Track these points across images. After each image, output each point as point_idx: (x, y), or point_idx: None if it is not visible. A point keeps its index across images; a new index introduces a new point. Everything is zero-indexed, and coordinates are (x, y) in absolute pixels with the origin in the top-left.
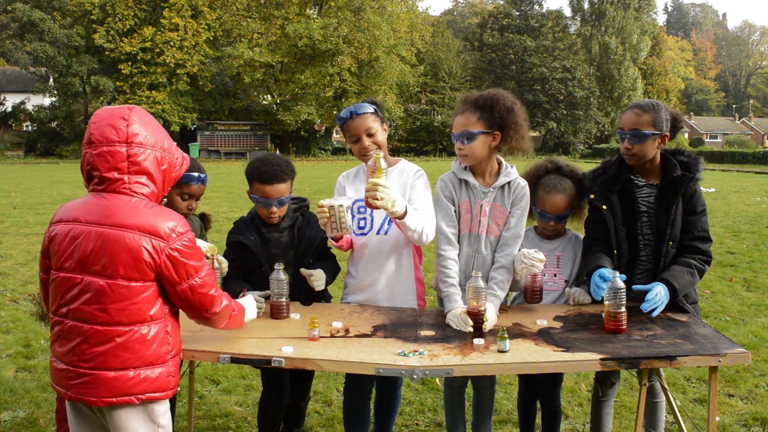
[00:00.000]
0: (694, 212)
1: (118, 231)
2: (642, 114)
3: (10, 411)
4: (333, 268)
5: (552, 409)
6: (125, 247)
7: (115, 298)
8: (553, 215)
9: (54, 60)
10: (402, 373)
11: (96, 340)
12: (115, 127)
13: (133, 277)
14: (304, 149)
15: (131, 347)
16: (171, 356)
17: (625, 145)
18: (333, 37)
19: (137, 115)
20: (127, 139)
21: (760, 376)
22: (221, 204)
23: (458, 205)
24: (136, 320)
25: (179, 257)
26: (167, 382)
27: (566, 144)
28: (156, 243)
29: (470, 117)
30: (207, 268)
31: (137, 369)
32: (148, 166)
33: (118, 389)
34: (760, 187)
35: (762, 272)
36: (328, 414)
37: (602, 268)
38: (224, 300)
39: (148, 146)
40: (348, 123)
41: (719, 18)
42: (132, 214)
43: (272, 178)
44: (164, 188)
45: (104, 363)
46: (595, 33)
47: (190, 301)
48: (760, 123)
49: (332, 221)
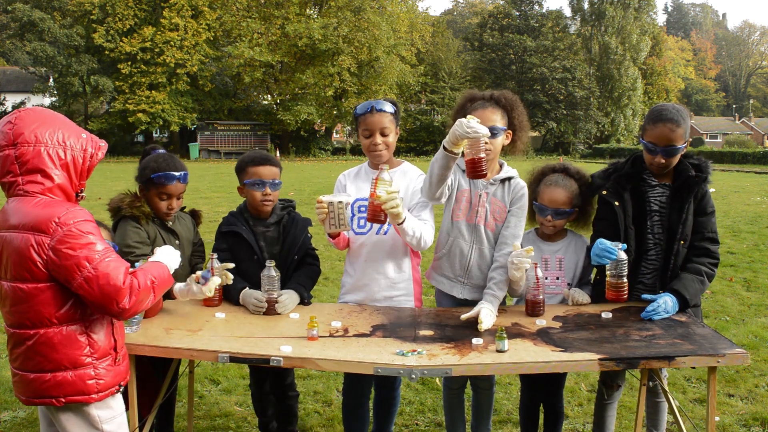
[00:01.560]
0: (704, 213)
1: (9, 233)
2: (675, 129)
3: (10, 411)
4: (312, 274)
5: (554, 410)
6: (14, 248)
7: (16, 300)
8: (550, 209)
9: (54, 60)
10: (400, 372)
11: (13, 342)
12: (3, 132)
13: (25, 277)
14: (304, 149)
15: (40, 350)
16: (93, 359)
17: (658, 161)
18: (333, 36)
19: (27, 115)
20: (14, 141)
21: (760, 376)
22: (221, 204)
23: (458, 192)
24: (38, 323)
25: (64, 249)
26: (89, 386)
27: (566, 144)
28: (39, 239)
29: (495, 113)
30: (109, 257)
31: (53, 372)
32: (38, 164)
33: (38, 390)
34: (760, 187)
35: (762, 272)
36: (328, 414)
37: (599, 239)
38: (136, 281)
39: (36, 143)
40: (366, 116)
41: (719, 18)
42: (21, 214)
43: (264, 159)
44: (74, 181)
45: (23, 365)
46: (595, 33)
47: (92, 296)
48: (760, 123)
49: (330, 217)
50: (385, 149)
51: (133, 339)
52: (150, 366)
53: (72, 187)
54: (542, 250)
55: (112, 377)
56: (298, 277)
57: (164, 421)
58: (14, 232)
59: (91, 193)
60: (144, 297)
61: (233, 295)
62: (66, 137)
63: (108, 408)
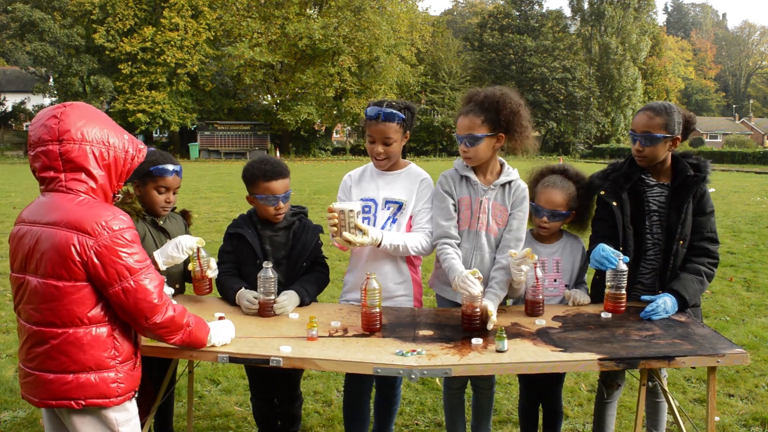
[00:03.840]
0: (703, 213)
1: (49, 228)
2: (654, 117)
3: (10, 411)
4: (319, 281)
5: (553, 409)
6: (53, 244)
7: (46, 297)
8: (546, 210)
9: (54, 60)
10: (400, 372)
11: (35, 340)
12: (47, 126)
13: (62, 275)
14: (304, 149)
15: (66, 350)
16: (117, 362)
17: (636, 147)
18: (333, 36)
19: (72, 111)
20: (59, 137)
21: (760, 376)
22: (221, 204)
23: (458, 201)
24: (69, 322)
25: (108, 255)
26: (111, 390)
27: (566, 144)
28: (83, 239)
29: (475, 120)
30: (150, 273)
31: (76, 373)
32: (83, 162)
33: (56, 392)
34: (760, 187)
35: (762, 272)
36: (328, 414)
37: (602, 244)
38: (171, 311)
39: (82, 142)
40: (373, 123)
41: (719, 18)
42: (63, 211)
43: (277, 174)
44: (113, 183)
45: (43, 364)
46: (594, 33)
47: (125, 306)
48: (760, 123)
49: (341, 225)
50: (386, 158)
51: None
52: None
53: (111, 189)
54: (539, 252)
55: (130, 382)
56: (303, 280)
57: (163, 421)
58: (54, 228)
59: None
60: (172, 328)
61: (230, 295)
62: (110, 137)
63: (125, 411)
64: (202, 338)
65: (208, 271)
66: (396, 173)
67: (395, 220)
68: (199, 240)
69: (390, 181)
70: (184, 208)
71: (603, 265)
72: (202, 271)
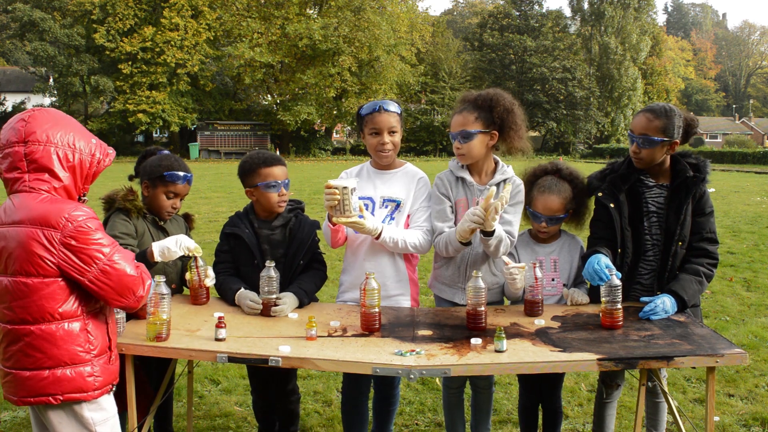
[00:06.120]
0: (702, 213)
1: (15, 228)
2: (653, 120)
3: (10, 411)
4: (317, 279)
5: (553, 409)
6: (20, 242)
7: (17, 295)
8: (544, 216)
9: (54, 60)
10: (399, 372)
11: (10, 339)
12: (15, 128)
13: (30, 272)
14: (304, 149)
15: (40, 346)
16: (92, 356)
17: (634, 149)
18: (333, 36)
19: (41, 115)
20: (25, 138)
21: (760, 376)
22: (221, 204)
23: (455, 203)
24: (40, 318)
25: (76, 243)
26: (88, 384)
27: (566, 144)
28: (48, 233)
29: (468, 116)
30: (120, 251)
31: (52, 368)
32: (47, 163)
33: (34, 389)
34: (760, 187)
35: (762, 272)
36: (328, 414)
37: (599, 254)
38: (147, 279)
39: (47, 143)
40: (375, 115)
41: (719, 18)
42: (27, 209)
43: (276, 160)
44: (78, 185)
45: (19, 362)
46: (594, 33)
47: (112, 287)
48: (760, 123)
49: (343, 202)
50: (393, 149)
51: (132, 339)
52: (142, 370)
53: (76, 190)
54: (536, 252)
55: (107, 376)
56: (301, 281)
57: (162, 421)
58: (18, 227)
59: (92, 194)
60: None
61: (229, 295)
62: (76, 140)
63: (101, 410)
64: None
65: (206, 280)
66: (393, 172)
67: (393, 219)
68: (197, 248)
69: (387, 180)
70: (187, 212)
71: (593, 280)
72: (200, 280)
